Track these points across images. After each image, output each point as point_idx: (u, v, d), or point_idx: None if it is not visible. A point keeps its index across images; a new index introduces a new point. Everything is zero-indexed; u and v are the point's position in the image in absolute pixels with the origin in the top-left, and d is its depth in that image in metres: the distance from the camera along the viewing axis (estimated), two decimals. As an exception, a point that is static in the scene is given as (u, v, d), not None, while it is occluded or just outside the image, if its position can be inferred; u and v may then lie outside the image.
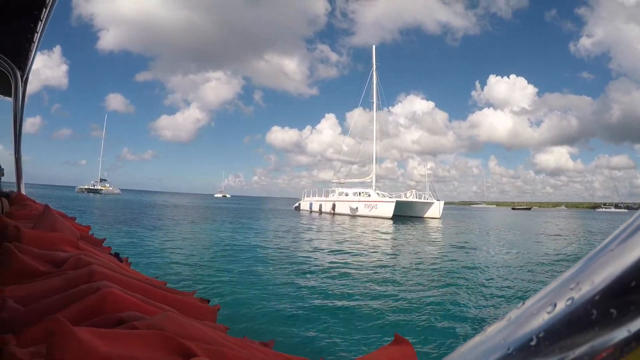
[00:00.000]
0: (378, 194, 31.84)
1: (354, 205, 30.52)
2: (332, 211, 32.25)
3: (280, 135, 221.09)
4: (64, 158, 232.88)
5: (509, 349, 0.17)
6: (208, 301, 1.17)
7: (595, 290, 0.14)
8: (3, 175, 2.70)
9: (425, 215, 29.22)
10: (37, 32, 2.38)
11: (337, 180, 39.41)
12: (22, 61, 2.87)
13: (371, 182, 35.90)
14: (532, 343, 0.16)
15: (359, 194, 32.50)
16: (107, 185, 71.01)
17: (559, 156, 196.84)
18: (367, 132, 38.02)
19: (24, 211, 2.02)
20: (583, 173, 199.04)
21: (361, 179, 37.28)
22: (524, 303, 0.19)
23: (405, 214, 28.60)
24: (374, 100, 37.63)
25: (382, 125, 38.13)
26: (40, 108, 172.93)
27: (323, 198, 35.63)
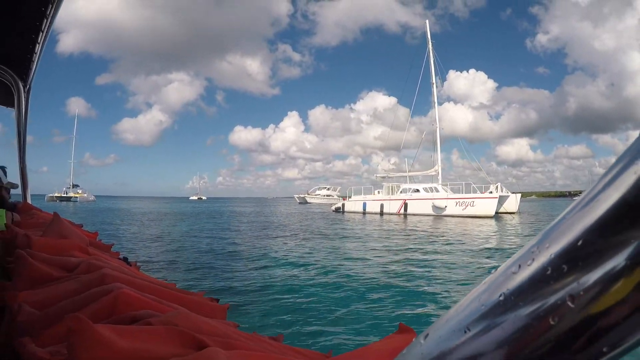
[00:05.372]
0: (445, 189, 27.07)
1: (442, 204, 25.03)
2: (401, 212, 26.55)
3: (243, 135, 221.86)
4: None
5: (483, 306, 0.21)
6: (217, 300, 1.20)
7: (551, 252, 0.18)
8: (17, 187, 2.72)
9: (500, 210, 25.00)
10: (39, 43, 2.42)
11: (382, 175, 33.36)
12: (24, 72, 2.91)
13: (436, 174, 29.74)
14: (501, 299, 0.20)
15: (430, 189, 26.98)
16: (80, 191, 60.51)
17: (519, 147, 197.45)
18: (329, 129, 35.98)
19: (31, 220, 2.06)
20: (543, 163, 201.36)
21: (422, 172, 31.11)
22: (497, 270, 0.22)
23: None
24: (433, 81, 32.40)
25: (343, 122, 36.39)
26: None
27: (385, 197, 29.26)
